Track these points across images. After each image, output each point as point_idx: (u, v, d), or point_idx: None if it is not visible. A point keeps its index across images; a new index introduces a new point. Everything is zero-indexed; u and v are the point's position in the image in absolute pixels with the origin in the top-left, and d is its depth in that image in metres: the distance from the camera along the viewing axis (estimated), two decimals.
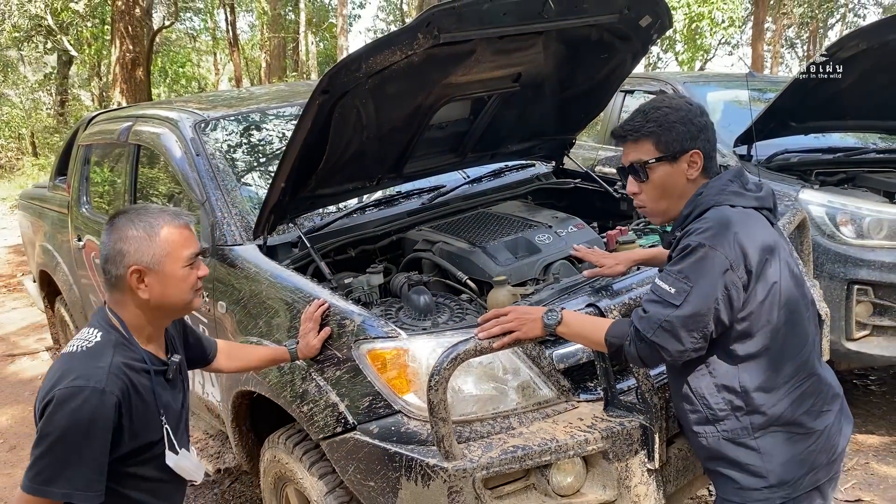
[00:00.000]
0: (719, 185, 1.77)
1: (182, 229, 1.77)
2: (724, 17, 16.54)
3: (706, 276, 1.64)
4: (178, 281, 1.75)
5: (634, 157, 1.82)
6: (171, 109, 3.58)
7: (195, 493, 3.82)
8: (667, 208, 1.84)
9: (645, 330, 1.70)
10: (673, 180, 1.81)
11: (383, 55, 2.22)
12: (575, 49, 2.87)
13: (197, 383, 3.26)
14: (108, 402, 1.60)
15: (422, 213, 3.19)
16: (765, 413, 1.73)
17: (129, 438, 1.68)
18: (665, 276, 1.71)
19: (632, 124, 1.82)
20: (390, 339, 2.19)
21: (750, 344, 1.71)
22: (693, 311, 1.65)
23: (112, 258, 1.72)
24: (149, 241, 1.71)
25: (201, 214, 2.99)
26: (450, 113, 2.90)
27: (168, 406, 1.79)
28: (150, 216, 1.74)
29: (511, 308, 1.99)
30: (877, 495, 3.36)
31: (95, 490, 1.61)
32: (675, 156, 1.78)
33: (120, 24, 12.09)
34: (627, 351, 1.77)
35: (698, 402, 1.79)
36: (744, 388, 1.72)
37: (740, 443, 1.75)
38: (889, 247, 3.69)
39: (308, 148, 2.41)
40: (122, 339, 1.73)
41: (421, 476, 2.01)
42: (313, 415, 2.30)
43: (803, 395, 1.75)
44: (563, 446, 2.01)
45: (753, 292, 1.67)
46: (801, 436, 1.75)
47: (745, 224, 1.69)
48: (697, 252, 1.66)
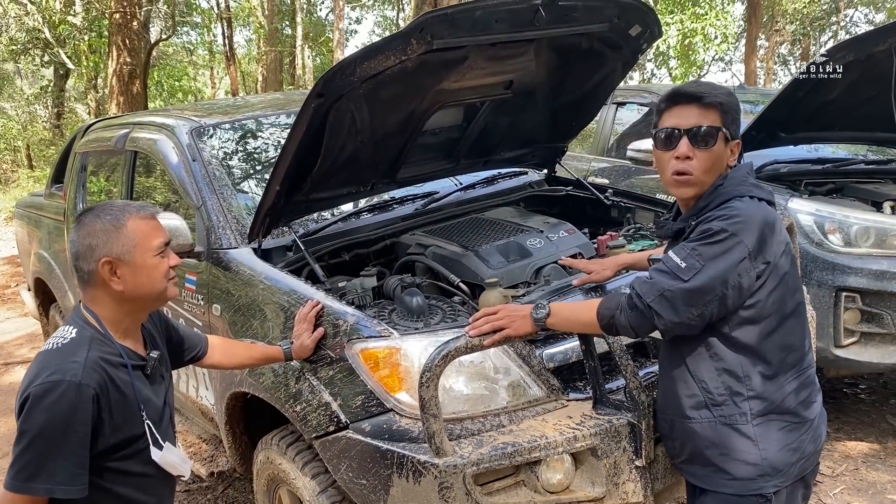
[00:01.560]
0: (740, 177, 1.79)
1: (148, 220, 1.78)
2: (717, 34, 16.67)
3: (721, 261, 1.66)
4: (150, 270, 1.76)
5: (701, 121, 1.76)
6: (168, 116, 3.62)
7: (188, 499, 3.83)
8: (705, 184, 1.79)
9: (645, 294, 1.72)
10: (722, 160, 1.80)
11: (377, 60, 2.27)
12: (566, 57, 2.93)
13: (191, 387, 3.28)
14: (86, 396, 1.61)
15: (415, 218, 3.23)
16: (765, 399, 1.75)
17: (111, 433, 1.69)
18: (679, 250, 1.73)
19: (705, 88, 1.79)
20: (383, 338, 2.22)
21: (755, 330, 1.74)
22: (698, 287, 1.67)
23: (82, 254, 1.73)
24: (116, 233, 1.72)
25: (197, 219, 3.03)
26: (443, 119, 2.94)
27: (149, 401, 1.80)
28: (115, 209, 1.76)
29: (501, 306, 2.03)
30: (865, 501, 3.39)
31: (78, 484, 1.62)
32: (732, 136, 1.80)
33: (117, 36, 12.15)
34: (618, 320, 1.79)
35: (697, 386, 1.80)
36: (746, 374, 1.75)
37: (737, 429, 1.77)
38: (876, 254, 3.74)
39: (303, 151, 2.45)
40: (97, 334, 1.74)
41: (412, 473, 2.03)
42: (306, 414, 2.32)
43: (802, 384, 1.79)
44: (553, 443, 2.03)
45: (766, 282, 1.71)
46: (796, 425, 1.78)
47: (768, 215, 1.72)
48: (718, 236, 1.68)
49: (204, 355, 2.22)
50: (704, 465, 1.84)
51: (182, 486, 3.92)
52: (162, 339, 2.04)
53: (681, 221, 1.86)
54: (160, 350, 1.94)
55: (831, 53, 3.97)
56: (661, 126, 1.84)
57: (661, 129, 1.84)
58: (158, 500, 1.87)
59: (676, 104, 1.82)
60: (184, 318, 3.09)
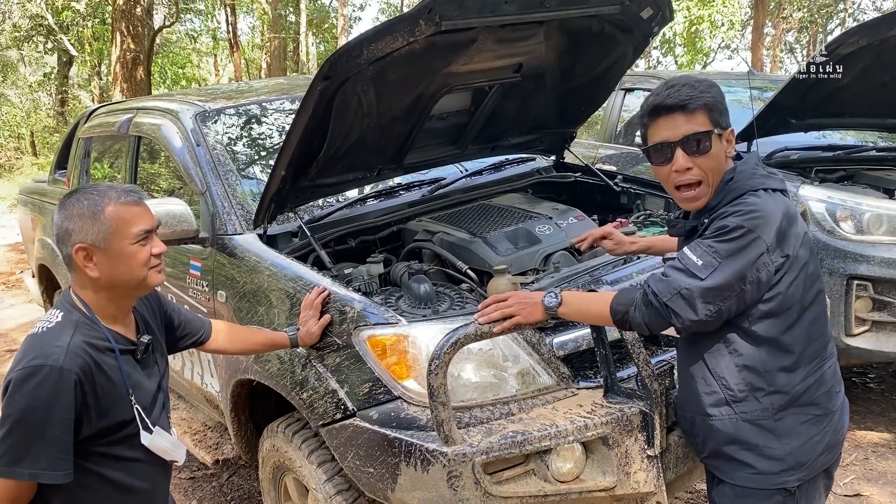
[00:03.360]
0: (749, 170, 1.74)
1: (130, 206, 1.72)
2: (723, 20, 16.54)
3: (739, 258, 1.62)
4: (127, 258, 1.70)
5: (691, 129, 1.71)
6: (172, 101, 3.58)
7: (193, 487, 3.82)
8: (712, 186, 1.75)
9: (661, 293, 1.68)
10: (721, 156, 1.75)
11: (385, 41, 2.22)
12: (576, 40, 2.87)
13: (196, 374, 3.26)
14: (68, 381, 1.58)
15: (422, 205, 3.19)
16: (787, 393, 1.72)
17: (97, 417, 1.66)
18: (695, 247, 1.69)
19: (684, 93, 1.70)
20: (390, 325, 2.18)
21: (775, 324, 1.69)
22: (716, 284, 1.63)
23: (61, 237, 1.70)
24: (93, 219, 1.68)
25: (201, 204, 2.99)
26: (451, 103, 2.90)
27: (139, 385, 1.77)
28: (96, 194, 1.71)
29: (511, 293, 1.99)
30: (876, 490, 3.36)
31: (62, 469, 1.60)
32: (724, 128, 1.75)
33: (120, 22, 12.10)
34: (632, 317, 1.75)
35: (717, 383, 1.76)
36: (767, 369, 1.71)
37: (759, 424, 1.73)
38: (888, 242, 3.69)
39: (309, 135, 2.41)
40: (84, 318, 1.70)
41: (420, 461, 2.01)
42: (313, 402, 2.29)
43: (824, 375, 1.75)
44: (563, 432, 2.00)
45: (785, 275, 1.66)
46: (819, 417, 1.74)
47: (784, 207, 1.67)
48: (736, 233, 1.63)
49: (207, 339, 2.19)
50: (728, 460, 1.80)
51: (187, 474, 3.92)
52: (159, 323, 2.00)
53: (693, 219, 1.82)
54: (153, 335, 1.90)
55: (843, 39, 3.91)
56: (651, 142, 1.78)
57: (652, 146, 1.78)
58: (151, 485, 1.84)
59: (659, 116, 1.75)
60: (189, 305, 3.06)
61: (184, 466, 3.94)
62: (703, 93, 1.71)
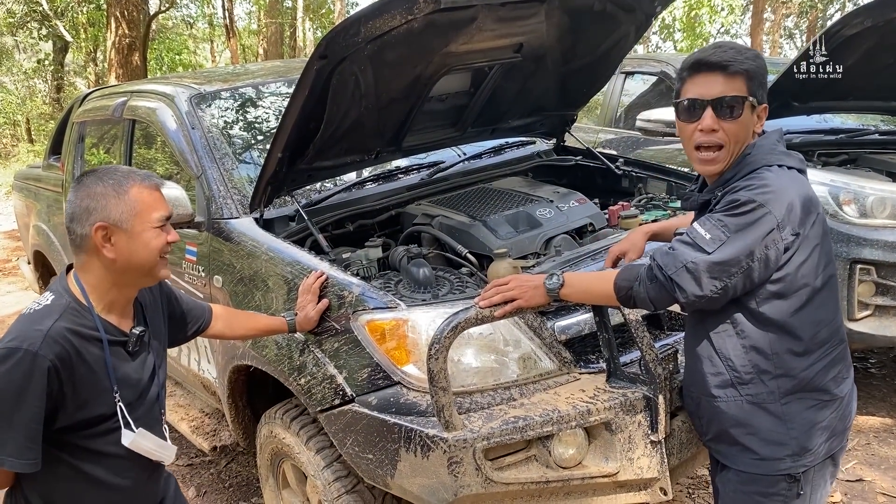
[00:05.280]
0: (769, 145, 1.70)
1: (152, 190, 1.70)
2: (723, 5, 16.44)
3: (748, 233, 1.58)
4: (146, 242, 1.67)
5: (726, 91, 1.65)
6: (167, 84, 3.53)
7: (191, 473, 3.80)
8: (733, 155, 1.71)
9: (667, 266, 1.64)
10: (749, 128, 1.70)
11: (383, 19, 2.17)
12: (578, 19, 2.82)
13: (192, 360, 3.22)
14: (40, 367, 1.53)
15: (421, 188, 3.14)
16: (794, 377, 1.68)
17: (74, 408, 1.61)
18: (704, 221, 1.65)
19: (729, 55, 1.66)
20: (389, 309, 2.15)
21: (784, 305, 1.65)
22: (722, 259, 1.59)
23: (78, 216, 1.64)
24: (117, 198, 1.64)
25: (197, 188, 2.95)
26: (450, 84, 2.85)
27: (126, 379, 1.71)
28: (119, 174, 1.67)
29: (512, 277, 1.95)
30: (878, 475, 3.34)
31: (27, 458, 1.55)
32: (759, 102, 1.70)
33: (116, 7, 11.95)
34: (636, 292, 1.71)
35: (723, 364, 1.73)
36: (775, 352, 1.67)
37: (765, 408, 1.70)
38: (892, 226, 3.65)
39: (305, 116, 2.37)
40: (74, 304, 1.65)
41: (420, 447, 1.97)
42: (311, 387, 2.26)
43: (833, 360, 1.71)
44: (565, 417, 1.97)
45: (795, 254, 1.62)
46: (826, 402, 1.71)
47: (797, 185, 1.63)
48: (746, 207, 1.59)
49: (208, 326, 2.15)
50: (731, 443, 1.77)
51: (185, 461, 3.89)
52: (163, 314, 1.95)
53: (707, 192, 1.77)
54: (149, 326, 1.83)
55: (847, 20, 3.85)
56: (683, 96, 1.73)
57: (684, 100, 1.72)
58: (133, 483, 1.77)
59: (699, 72, 1.69)
60: (185, 290, 3.02)
61: (182, 453, 3.92)
62: (747, 59, 1.67)
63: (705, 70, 1.69)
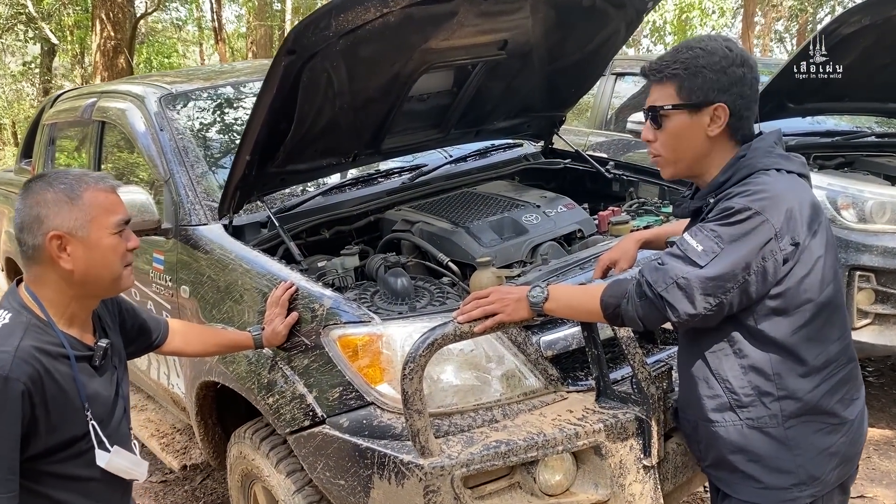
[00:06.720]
0: (765, 147, 1.56)
1: (108, 193, 1.58)
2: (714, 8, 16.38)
3: (744, 244, 1.45)
4: (106, 250, 1.55)
5: (653, 100, 1.61)
6: (138, 84, 3.38)
7: (165, 490, 3.64)
8: (678, 163, 1.63)
9: (656, 282, 1.51)
10: (691, 133, 1.59)
11: (355, 12, 2.02)
12: (565, 15, 2.69)
13: (162, 374, 3.07)
14: (14, 391, 1.40)
15: (402, 193, 3.00)
16: (799, 399, 1.54)
17: (47, 433, 1.48)
18: (696, 231, 1.52)
19: (659, 63, 1.60)
20: (363, 324, 2.01)
21: (785, 322, 1.51)
22: (716, 273, 1.45)
23: (28, 226, 1.51)
24: (70, 204, 1.51)
25: (164, 193, 2.80)
26: (431, 83, 2.71)
27: (96, 396, 1.59)
28: (70, 178, 1.55)
29: (493, 289, 1.80)
30: (880, 490, 3.21)
31: (8, 490, 1.42)
32: (697, 106, 1.57)
33: (101, 9, 11.79)
34: (625, 310, 1.57)
35: (720, 386, 1.59)
36: (776, 372, 1.53)
37: (767, 432, 1.56)
38: (892, 231, 3.53)
39: (275, 116, 2.23)
40: (35, 320, 1.52)
41: (395, 474, 1.83)
42: (280, 407, 2.11)
43: (841, 381, 1.57)
44: (551, 441, 1.83)
45: (795, 267, 1.48)
46: (835, 426, 1.57)
47: (797, 191, 1.50)
48: (741, 215, 1.45)
49: (162, 342, 1.99)
50: (732, 471, 1.63)
51: (159, 478, 3.74)
52: (115, 324, 1.81)
53: (698, 199, 1.64)
54: (112, 338, 1.71)
55: (845, 17, 3.75)
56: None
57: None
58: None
59: (647, 80, 1.65)
60: (153, 301, 2.87)
61: (156, 469, 3.77)
62: (679, 63, 1.57)
63: (645, 79, 1.65)
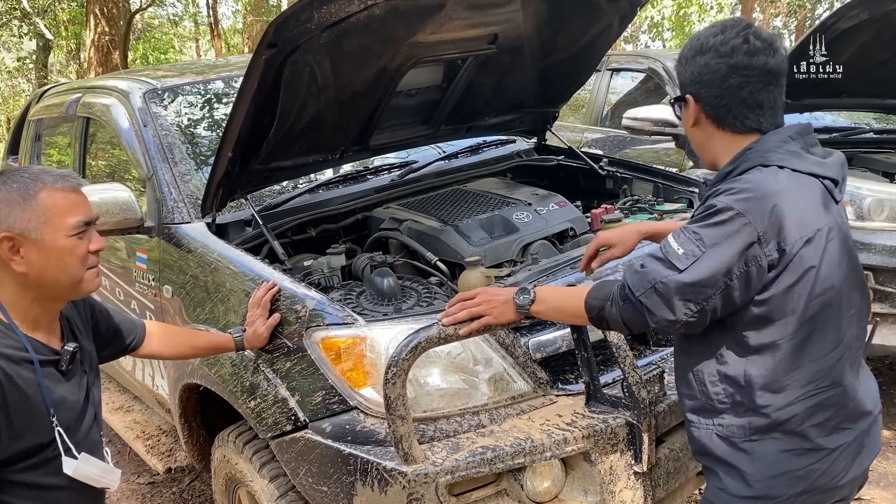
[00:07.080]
0: (775, 142, 1.45)
1: (66, 192, 1.51)
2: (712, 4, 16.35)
3: (725, 248, 1.36)
4: (62, 253, 1.49)
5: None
6: (122, 79, 3.32)
7: (152, 492, 3.58)
8: (697, 152, 1.60)
9: (635, 286, 1.43)
10: (686, 125, 1.55)
11: (338, 4, 1.96)
12: (557, 8, 2.62)
13: (146, 375, 3.01)
14: None
15: (390, 190, 2.94)
16: (768, 416, 1.45)
17: (9, 441, 1.42)
18: (679, 232, 1.43)
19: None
20: (346, 325, 1.95)
21: (765, 333, 1.42)
22: (695, 279, 1.37)
23: None
24: (23, 204, 1.46)
25: (147, 190, 2.74)
26: (420, 78, 2.65)
27: (62, 402, 1.53)
28: (26, 177, 1.49)
29: (479, 290, 1.73)
30: (878, 493, 3.16)
31: None
32: (678, 98, 1.53)
33: (95, 5, 11.70)
34: (609, 313, 1.50)
35: (697, 388, 1.51)
36: (748, 382, 1.44)
37: (732, 442, 1.48)
38: (890, 229, 3.48)
39: (257, 112, 2.16)
40: None
41: (378, 481, 1.78)
42: (262, 411, 2.06)
43: (819, 405, 1.46)
44: (540, 447, 1.78)
45: (781, 274, 1.39)
46: (805, 451, 1.46)
47: (791, 191, 1.39)
48: (722, 215, 1.37)
49: (140, 345, 1.93)
50: (705, 466, 1.57)
51: (146, 479, 3.68)
52: (87, 327, 1.75)
53: (707, 189, 1.55)
54: (81, 342, 1.65)
55: (843, 11, 3.69)
56: None
57: None
58: None
59: None
60: (136, 301, 2.81)
61: (143, 471, 3.71)
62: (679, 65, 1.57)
63: None
